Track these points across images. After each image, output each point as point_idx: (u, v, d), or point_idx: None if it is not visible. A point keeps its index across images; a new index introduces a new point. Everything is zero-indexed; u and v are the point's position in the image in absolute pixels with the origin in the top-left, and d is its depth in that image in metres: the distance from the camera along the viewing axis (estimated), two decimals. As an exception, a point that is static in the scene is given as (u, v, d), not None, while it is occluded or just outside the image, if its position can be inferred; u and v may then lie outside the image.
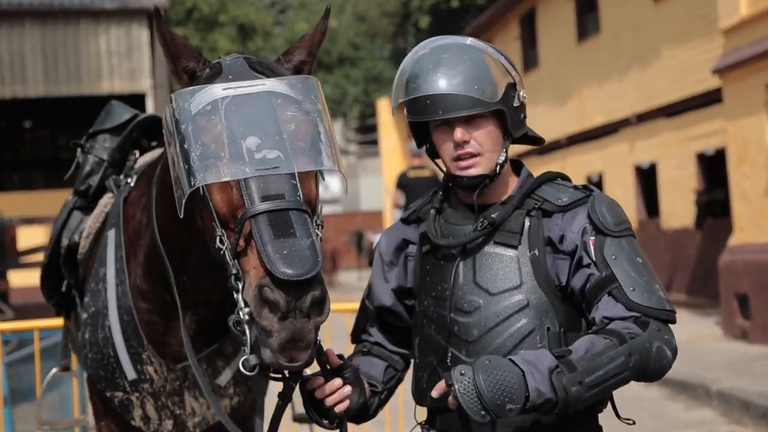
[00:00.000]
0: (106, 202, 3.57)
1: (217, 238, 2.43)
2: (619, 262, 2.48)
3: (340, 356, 2.56)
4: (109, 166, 3.71)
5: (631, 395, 8.88)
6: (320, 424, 2.52)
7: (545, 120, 19.40)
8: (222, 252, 2.41)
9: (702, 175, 15.08)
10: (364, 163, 36.21)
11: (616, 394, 2.59)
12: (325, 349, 2.50)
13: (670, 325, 2.48)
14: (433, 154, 2.67)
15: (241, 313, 2.33)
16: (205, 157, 2.42)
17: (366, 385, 2.61)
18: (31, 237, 16.24)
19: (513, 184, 2.64)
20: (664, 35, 15.72)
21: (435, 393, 2.35)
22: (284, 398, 2.50)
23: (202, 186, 2.44)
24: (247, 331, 2.32)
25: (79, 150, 3.87)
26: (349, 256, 31.45)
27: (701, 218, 14.48)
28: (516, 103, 2.58)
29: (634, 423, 2.60)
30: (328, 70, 39.91)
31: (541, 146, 2.86)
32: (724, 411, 8.42)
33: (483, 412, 2.25)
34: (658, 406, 8.84)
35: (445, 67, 2.52)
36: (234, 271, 2.37)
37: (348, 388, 2.50)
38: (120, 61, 15.68)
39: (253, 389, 3.37)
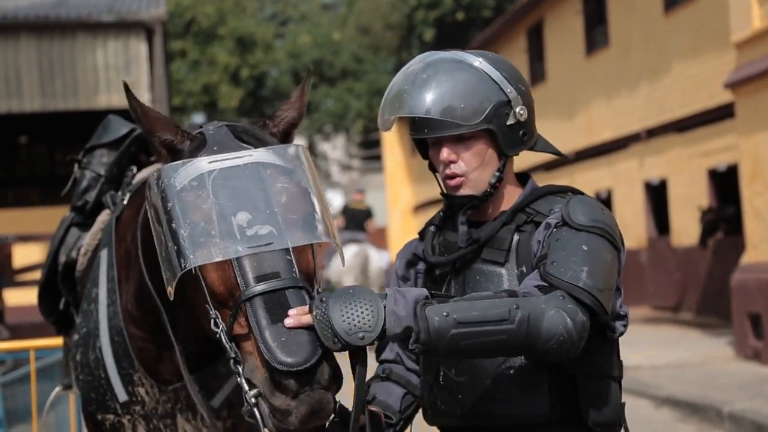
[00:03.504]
0: (103, 218, 3.54)
1: (212, 321, 2.39)
2: (559, 244, 2.41)
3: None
4: (106, 182, 3.70)
5: (641, 418, 9.00)
6: None
7: (552, 135, 19.07)
8: (218, 335, 2.37)
9: (714, 192, 15.05)
10: (367, 179, 36.01)
11: (626, 416, 2.55)
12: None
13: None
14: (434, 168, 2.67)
15: (247, 397, 2.30)
16: (195, 236, 2.37)
17: (383, 422, 2.57)
18: (26, 255, 16.09)
19: (514, 199, 2.62)
20: (675, 48, 15.60)
21: (288, 321, 2.25)
22: None
23: (197, 269, 2.38)
24: (257, 413, 2.29)
25: (76, 165, 3.85)
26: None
27: (705, 237, 14.44)
28: (511, 121, 2.54)
29: None
30: (331, 83, 39.80)
31: (548, 162, 2.66)
32: None
33: (335, 339, 2.21)
34: (669, 428, 8.81)
35: (427, 86, 2.51)
36: (233, 355, 2.34)
37: None
38: (117, 75, 15.46)
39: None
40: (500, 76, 2.55)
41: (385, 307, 2.23)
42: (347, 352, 2.27)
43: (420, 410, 2.71)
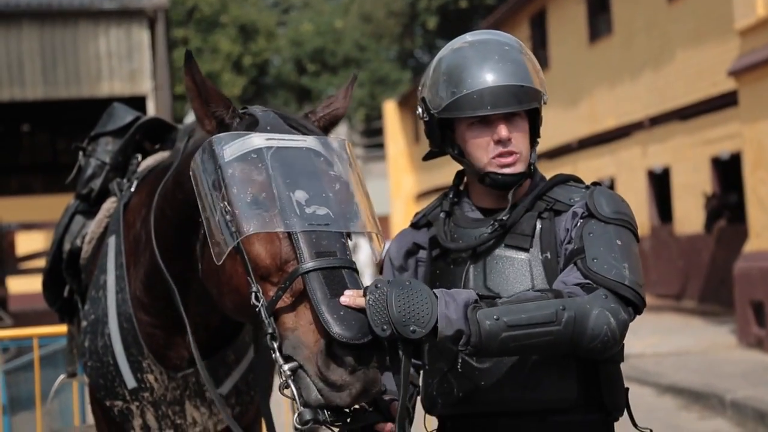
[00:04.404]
0: (108, 206, 3.54)
1: (252, 294, 2.36)
2: (593, 238, 2.44)
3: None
4: (111, 170, 3.67)
5: (644, 405, 9.01)
6: None
7: (555, 123, 19.14)
8: (257, 309, 2.35)
9: (717, 180, 15.01)
10: (370, 167, 35.97)
11: (629, 403, 2.59)
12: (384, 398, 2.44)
13: (630, 315, 2.39)
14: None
15: (282, 371, 2.30)
16: (254, 205, 2.37)
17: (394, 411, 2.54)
18: (30, 243, 16.16)
19: (526, 186, 2.63)
20: (679, 36, 15.55)
21: (344, 299, 2.25)
22: None
23: (241, 243, 2.38)
24: (293, 387, 2.28)
25: (80, 153, 3.84)
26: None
27: (710, 222, 14.40)
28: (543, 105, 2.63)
29: None
30: (333, 71, 39.70)
31: (551, 150, 2.67)
32: (739, 421, 8.43)
33: (385, 327, 2.20)
34: (671, 416, 8.81)
35: (493, 61, 2.52)
36: (270, 330, 2.32)
37: None
38: (120, 63, 15.41)
39: (255, 399, 3.30)
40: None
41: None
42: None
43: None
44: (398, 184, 32.29)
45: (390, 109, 33.26)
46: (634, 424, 2.63)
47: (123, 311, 3.15)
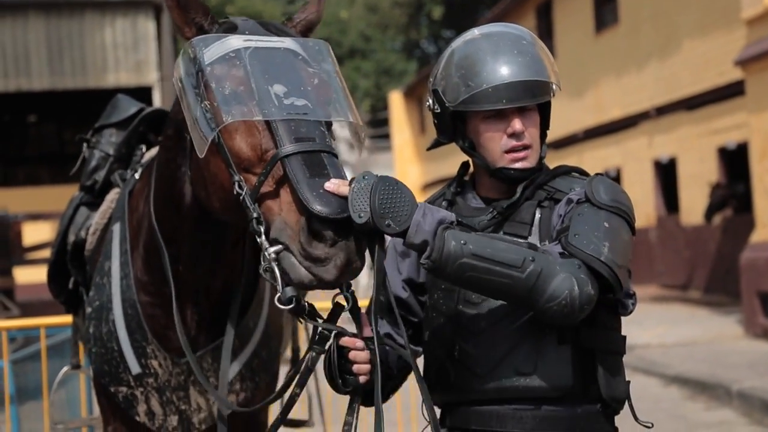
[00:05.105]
0: (112, 197, 3.54)
1: (236, 183, 2.45)
2: (581, 219, 2.44)
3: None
4: (115, 161, 3.70)
5: (649, 396, 8.98)
6: (334, 380, 2.47)
7: (561, 113, 19.05)
8: (242, 197, 2.43)
9: (723, 170, 14.97)
10: (375, 158, 35.91)
11: (633, 393, 2.58)
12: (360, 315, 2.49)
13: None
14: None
15: (267, 253, 2.35)
16: (233, 97, 2.46)
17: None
18: (36, 233, 16.15)
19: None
20: (685, 26, 15.51)
21: (329, 185, 2.32)
22: (319, 344, 2.45)
23: (217, 133, 2.47)
24: (275, 268, 2.34)
25: (84, 145, 3.85)
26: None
27: (710, 213, 14.35)
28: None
29: (652, 426, 2.61)
30: (339, 62, 39.53)
31: (557, 140, 2.67)
32: (745, 411, 8.40)
33: (362, 214, 2.27)
34: (677, 406, 8.80)
35: (511, 54, 2.53)
36: (255, 215, 2.40)
37: (368, 366, 2.43)
38: (126, 54, 15.42)
39: (261, 385, 3.29)
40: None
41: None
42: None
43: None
44: (404, 175, 32.29)
45: (395, 100, 33.23)
46: (635, 417, 2.62)
47: (127, 297, 3.16)
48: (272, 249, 2.34)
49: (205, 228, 2.89)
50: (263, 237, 2.38)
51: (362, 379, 2.43)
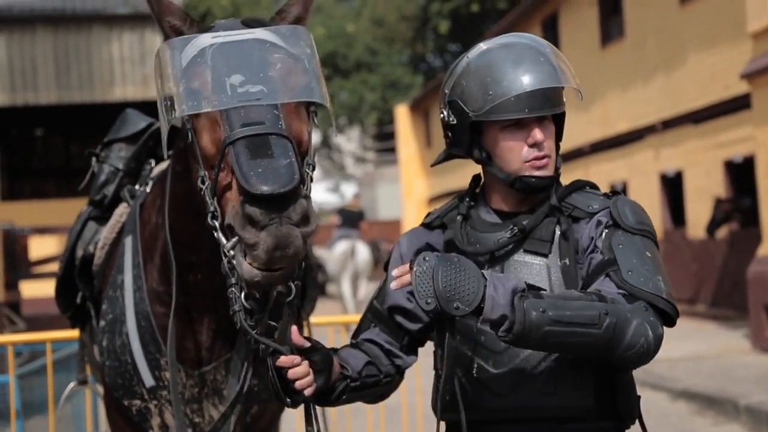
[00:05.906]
0: (121, 212, 3.57)
1: (199, 179, 2.49)
2: (624, 250, 2.44)
3: (312, 340, 2.50)
4: (124, 176, 3.72)
5: (657, 411, 8.93)
6: (281, 400, 2.46)
7: (567, 126, 18.84)
8: (202, 192, 2.46)
9: (730, 184, 14.94)
10: (382, 172, 35.98)
11: (641, 408, 2.59)
12: (291, 330, 2.46)
13: (665, 329, 2.42)
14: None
15: (225, 250, 2.37)
16: (188, 94, 2.50)
17: (337, 368, 2.54)
18: (43, 247, 16.12)
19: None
20: (691, 39, 15.51)
21: (395, 272, 2.32)
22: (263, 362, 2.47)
23: (191, 132, 2.51)
24: (234, 263, 2.36)
25: (93, 159, 3.87)
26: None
27: (713, 227, 14.33)
28: None
29: None
30: (345, 75, 39.71)
31: (563, 153, 2.74)
32: (753, 426, 8.36)
33: (429, 300, 2.23)
34: (685, 421, 8.77)
35: (531, 63, 2.52)
36: (211, 209, 2.42)
37: (310, 378, 2.42)
38: (133, 68, 15.46)
39: (271, 401, 3.25)
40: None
41: (485, 287, 2.25)
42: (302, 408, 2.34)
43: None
44: (410, 188, 32.26)
45: (402, 114, 33.24)
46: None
47: (140, 309, 3.16)
48: (229, 245, 2.37)
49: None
50: (219, 232, 2.40)
51: (308, 391, 2.42)
